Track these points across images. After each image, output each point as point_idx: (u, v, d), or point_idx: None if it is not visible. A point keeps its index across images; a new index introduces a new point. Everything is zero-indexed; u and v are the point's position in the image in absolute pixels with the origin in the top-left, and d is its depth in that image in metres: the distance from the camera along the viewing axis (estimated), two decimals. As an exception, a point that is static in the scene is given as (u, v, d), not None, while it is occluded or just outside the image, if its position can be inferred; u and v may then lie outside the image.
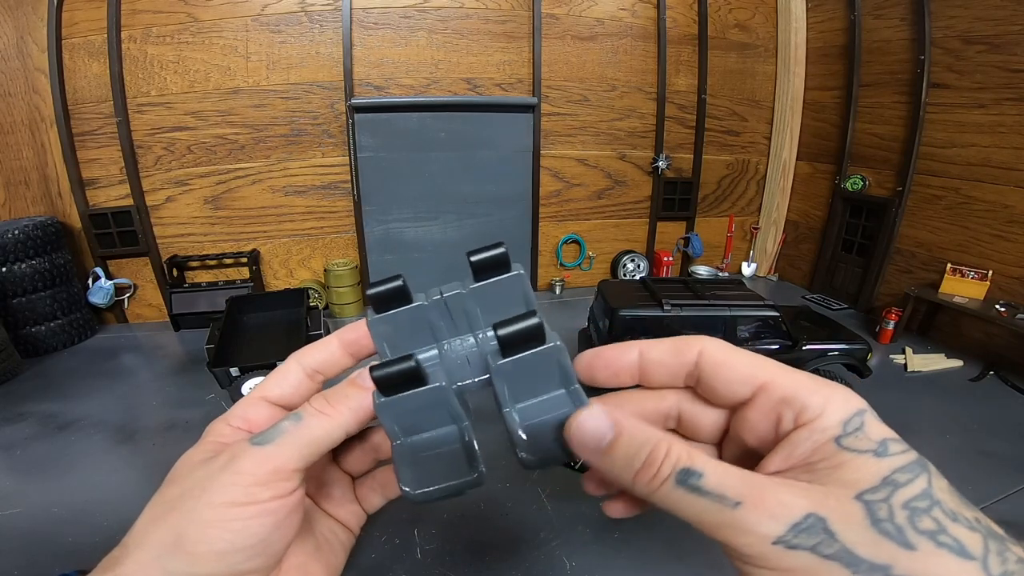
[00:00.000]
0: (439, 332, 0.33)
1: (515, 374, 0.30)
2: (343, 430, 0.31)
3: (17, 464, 2.17)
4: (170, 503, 0.29)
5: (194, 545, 0.27)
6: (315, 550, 0.35)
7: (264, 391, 0.34)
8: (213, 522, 0.27)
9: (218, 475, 0.29)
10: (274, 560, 0.30)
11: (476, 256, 0.32)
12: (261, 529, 0.28)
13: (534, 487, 2.00)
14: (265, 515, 0.28)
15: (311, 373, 0.34)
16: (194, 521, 0.28)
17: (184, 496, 0.29)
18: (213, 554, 0.27)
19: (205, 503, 0.28)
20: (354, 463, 0.38)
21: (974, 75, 3.17)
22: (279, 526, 0.29)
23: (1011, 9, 2.93)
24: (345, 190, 3.82)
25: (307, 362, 0.34)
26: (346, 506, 0.38)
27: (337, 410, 0.31)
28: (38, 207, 3.41)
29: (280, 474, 0.29)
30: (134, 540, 0.28)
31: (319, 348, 0.35)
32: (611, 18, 3.94)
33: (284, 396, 0.34)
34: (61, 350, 3.28)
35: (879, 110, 3.82)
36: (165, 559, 0.27)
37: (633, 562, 1.70)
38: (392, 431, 0.32)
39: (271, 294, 3.53)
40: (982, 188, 3.21)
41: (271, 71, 3.47)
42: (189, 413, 2.56)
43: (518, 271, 0.32)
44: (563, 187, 4.26)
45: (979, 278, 3.18)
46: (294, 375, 0.34)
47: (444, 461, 0.32)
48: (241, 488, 0.28)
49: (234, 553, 0.28)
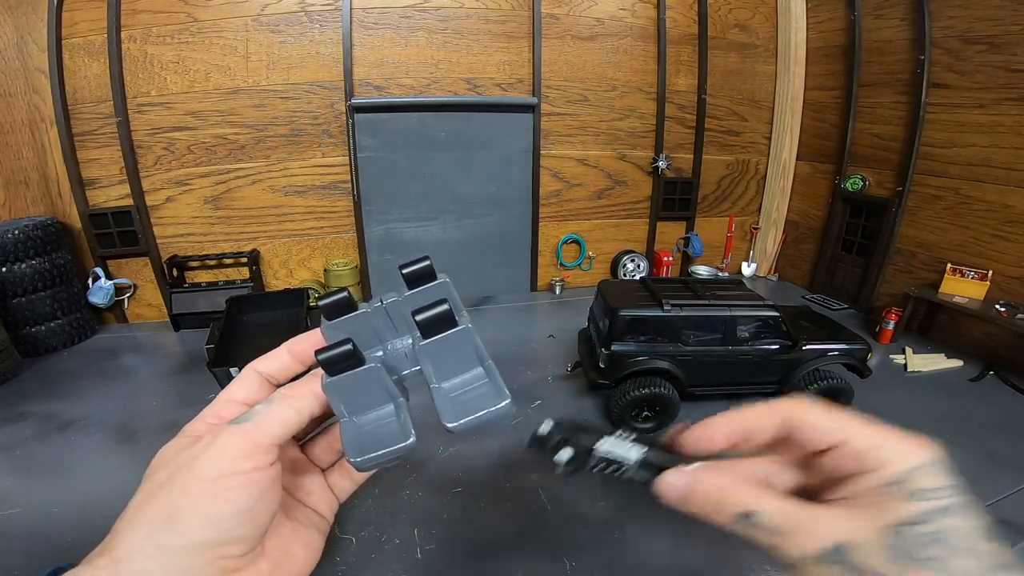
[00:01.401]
0: (382, 335, 0.39)
1: (436, 353, 0.36)
2: (308, 410, 0.36)
3: (17, 464, 2.17)
4: (158, 485, 0.32)
5: (187, 517, 0.30)
6: (293, 533, 0.39)
7: (230, 394, 0.40)
8: (202, 493, 0.31)
9: (204, 452, 0.32)
10: (259, 529, 0.33)
11: (406, 268, 0.38)
12: (248, 497, 0.32)
13: (534, 487, 2.00)
14: (249, 484, 0.32)
15: (267, 377, 0.41)
16: (186, 494, 0.31)
17: (172, 476, 0.32)
18: (204, 522, 0.30)
19: (193, 476, 0.31)
20: (321, 455, 0.44)
21: (974, 75, 3.17)
22: (262, 496, 0.32)
23: (1011, 9, 2.93)
24: (345, 190, 3.82)
25: (262, 369, 0.41)
26: (318, 494, 0.43)
27: (301, 393, 0.37)
28: (38, 207, 3.41)
29: (259, 447, 0.33)
30: (125, 524, 0.31)
31: (272, 358, 0.41)
32: (611, 18, 3.94)
33: (249, 396, 0.39)
34: (61, 350, 3.27)
35: (879, 110, 3.82)
36: (158, 535, 0.30)
37: (633, 562, 1.70)
38: (339, 410, 0.37)
39: (271, 294, 3.53)
40: (982, 188, 3.21)
41: (271, 71, 3.47)
42: (189, 413, 2.51)
43: (443, 279, 0.38)
44: (563, 187, 4.26)
45: (979, 278, 3.18)
46: (254, 380, 0.40)
47: (382, 432, 0.37)
48: (226, 460, 0.32)
49: (223, 520, 0.31)
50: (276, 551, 0.36)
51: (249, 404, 0.39)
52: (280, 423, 0.35)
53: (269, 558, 0.36)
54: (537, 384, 2.80)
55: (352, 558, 1.69)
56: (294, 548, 0.38)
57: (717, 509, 0.35)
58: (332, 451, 0.44)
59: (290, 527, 0.39)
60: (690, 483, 0.37)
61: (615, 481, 0.38)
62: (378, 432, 0.37)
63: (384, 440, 0.36)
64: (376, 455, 0.35)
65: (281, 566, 0.36)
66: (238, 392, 0.40)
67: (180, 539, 0.30)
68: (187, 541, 0.30)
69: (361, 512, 1.87)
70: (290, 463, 0.42)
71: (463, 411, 0.35)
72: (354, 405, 0.37)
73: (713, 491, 0.36)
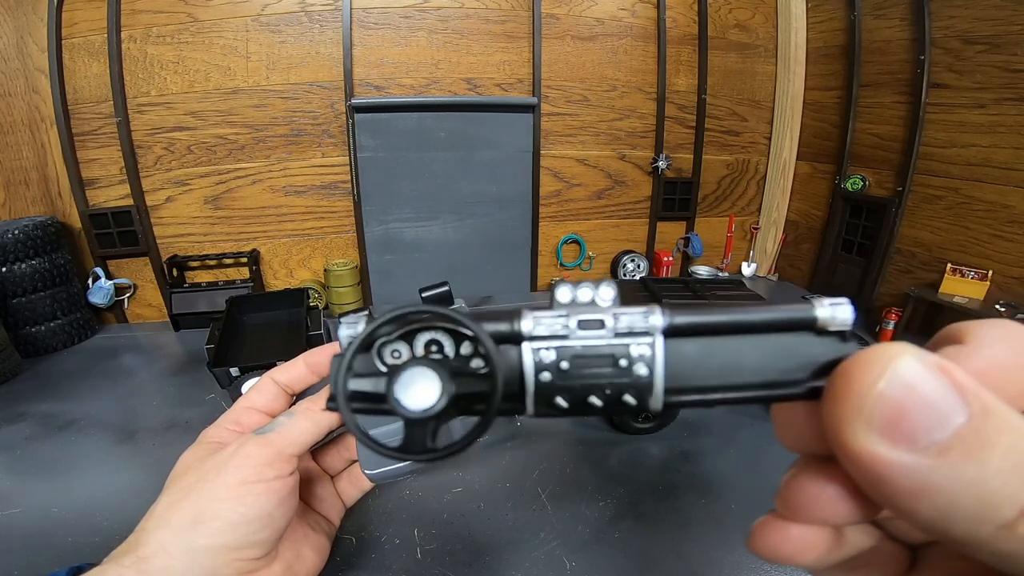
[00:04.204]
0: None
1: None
2: (327, 423, 0.38)
3: (17, 464, 2.17)
4: (185, 489, 0.34)
5: (212, 520, 0.32)
6: (304, 537, 0.42)
7: (249, 402, 0.42)
8: (227, 498, 0.33)
9: (229, 460, 0.34)
10: (277, 534, 0.35)
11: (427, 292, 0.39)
12: (268, 504, 0.34)
13: (534, 487, 2.00)
14: (271, 492, 0.34)
15: (284, 387, 0.42)
16: (212, 499, 0.33)
17: (199, 481, 0.34)
18: (228, 526, 0.32)
19: (219, 483, 0.33)
20: (331, 462, 0.46)
21: (974, 75, 3.17)
22: (281, 503, 0.35)
23: (1011, 9, 2.93)
24: (345, 190, 3.83)
25: (280, 379, 0.42)
26: (328, 500, 0.45)
27: (321, 407, 0.39)
28: (38, 207, 3.41)
29: (281, 456, 0.35)
30: (154, 523, 0.33)
31: (289, 368, 0.43)
32: (611, 18, 3.94)
33: (266, 405, 0.41)
34: (61, 350, 3.27)
35: (879, 110, 3.82)
36: (185, 536, 0.32)
37: (633, 562, 1.70)
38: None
39: (271, 294, 3.53)
40: (982, 188, 3.21)
41: (271, 71, 3.47)
42: (189, 413, 2.56)
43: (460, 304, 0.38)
44: (563, 187, 4.26)
45: (979, 278, 3.18)
46: (271, 390, 0.42)
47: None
48: (251, 468, 0.34)
49: (246, 524, 0.33)
50: (288, 553, 0.38)
51: (267, 412, 0.41)
52: (302, 435, 0.36)
53: (282, 560, 0.38)
54: (537, 384, 2.80)
55: (352, 558, 1.69)
56: (305, 551, 0.40)
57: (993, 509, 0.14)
58: (341, 459, 0.46)
59: (302, 531, 0.41)
60: (975, 401, 0.15)
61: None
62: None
63: None
64: (390, 469, 0.36)
65: (293, 568, 0.38)
66: (256, 401, 0.41)
67: (205, 540, 0.32)
68: (211, 543, 0.32)
69: (361, 512, 1.87)
70: (304, 470, 0.44)
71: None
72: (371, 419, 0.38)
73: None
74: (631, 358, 0.20)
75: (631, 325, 0.20)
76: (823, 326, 0.19)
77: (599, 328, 0.20)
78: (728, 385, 0.20)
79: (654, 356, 0.20)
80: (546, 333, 0.20)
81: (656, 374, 0.19)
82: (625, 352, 0.20)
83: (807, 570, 0.21)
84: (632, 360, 0.20)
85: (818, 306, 0.19)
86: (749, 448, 2.30)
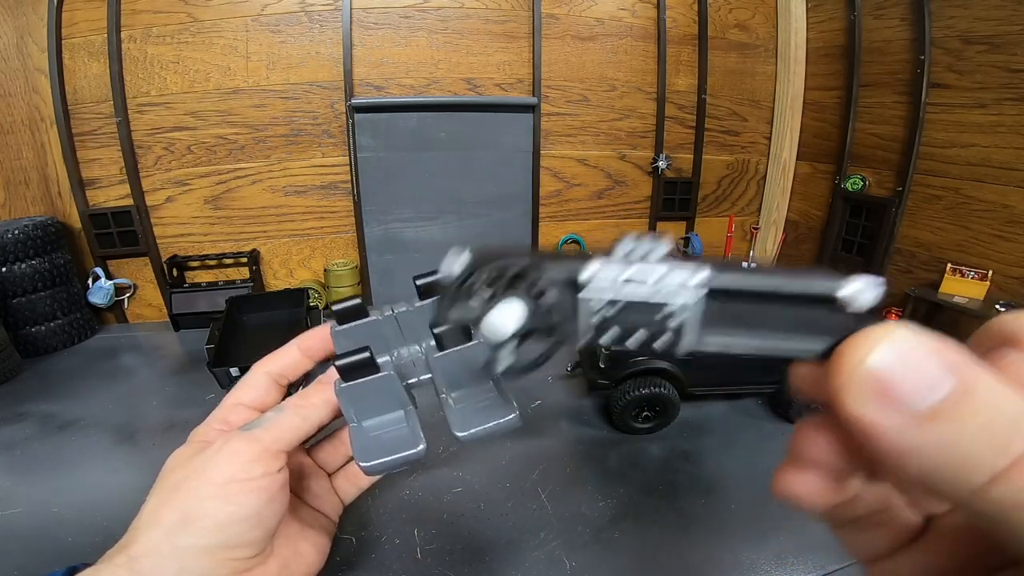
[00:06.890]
0: (391, 342, 0.40)
1: (448, 366, 0.38)
2: (317, 418, 0.37)
3: (17, 464, 2.17)
4: (173, 488, 0.33)
5: (199, 519, 0.32)
6: (300, 534, 0.41)
7: (237, 398, 0.40)
8: (214, 497, 0.32)
9: (215, 457, 0.33)
10: (268, 532, 0.35)
11: (421, 280, 0.39)
12: (257, 502, 0.33)
13: (534, 487, 2.00)
14: (259, 490, 0.33)
15: (276, 378, 0.41)
16: (199, 498, 0.32)
17: (187, 479, 0.33)
18: (216, 525, 0.32)
19: (206, 481, 0.32)
20: (328, 459, 0.45)
21: (974, 75, 3.17)
22: (271, 500, 0.34)
23: (1011, 9, 2.94)
24: (345, 190, 3.83)
25: (271, 369, 0.41)
26: (324, 497, 0.44)
27: (311, 402, 0.38)
28: (38, 207, 3.41)
29: (268, 453, 0.34)
30: (143, 523, 0.33)
31: (281, 355, 0.41)
32: (611, 18, 3.94)
33: (256, 399, 0.40)
34: (61, 350, 3.28)
35: (879, 110, 3.82)
36: (174, 535, 0.31)
37: (633, 562, 1.70)
38: (349, 415, 0.38)
39: (271, 294, 3.53)
40: (982, 188, 3.21)
41: (271, 71, 3.47)
42: (189, 413, 2.56)
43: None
44: (563, 187, 4.26)
45: (979, 278, 3.18)
46: (262, 383, 0.40)
47: (392, 438, 0.38)
48: (238, 465, 0.33)
49: (234, 524, 0.32)
50: (285, 550, 0.38)
51: (256, 408, 0.39)
52: (290, 431, 0.36)
53: (278, 558, 0.37)
54: (537, 384, 2.80)
55: (352, 558, 1.69)
56: (302, 548, 0.40)
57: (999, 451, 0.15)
58: (337, 455, 0.45)
59: (298, 528, 0.40)
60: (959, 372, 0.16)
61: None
62: (388, 438, 0.38)
63: (394, 446, 0.37)
64: (386, 460, 0.36)
65: (290, 566, 0.38)
66: (245, 396, 0.40)
67: (194, 540, 0.31)
68: (201, 542, 0.31)
69: (361, 512, 1.87)
70: (298, 467, 0.43)
71: (472, 422, 0.37)
72: (365, 411, 0.38)
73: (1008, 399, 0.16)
74: (675, 309, 0.24)
75: (682, 280, 0.24)
76: (843, 306, 0.21)
77: (647, 282, 0.24)
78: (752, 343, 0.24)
79: (695, 307, 0.24)
80: (604, 284, 0.25)
81: (691, 322, 0.24)
82: (670, 300, 0.24)
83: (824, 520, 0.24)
84: (675, 311, 0.24)
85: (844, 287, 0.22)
86: (749, 448, 2.30)
